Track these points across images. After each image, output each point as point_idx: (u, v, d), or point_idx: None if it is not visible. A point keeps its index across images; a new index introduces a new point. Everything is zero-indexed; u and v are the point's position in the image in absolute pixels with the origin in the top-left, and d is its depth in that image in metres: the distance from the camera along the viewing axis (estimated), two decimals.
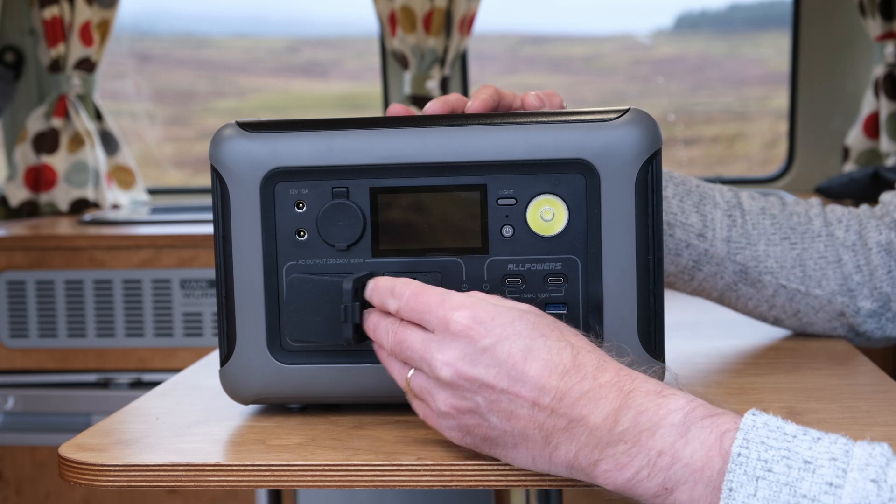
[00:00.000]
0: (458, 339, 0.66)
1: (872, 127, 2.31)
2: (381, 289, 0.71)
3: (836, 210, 1.03)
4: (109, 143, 2.51)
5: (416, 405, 0.71)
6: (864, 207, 1.03)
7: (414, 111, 0.82)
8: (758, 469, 0.58)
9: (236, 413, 0.82)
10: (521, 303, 0.70)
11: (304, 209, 0.78)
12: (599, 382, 0.64)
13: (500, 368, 0.65)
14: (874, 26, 2.27)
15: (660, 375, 0.77)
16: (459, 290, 0.77)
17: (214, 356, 1.02)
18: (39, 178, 2.43)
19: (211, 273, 2.01)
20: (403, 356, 0.69)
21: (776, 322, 1.04)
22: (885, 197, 1.03)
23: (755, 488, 0.57)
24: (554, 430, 0.64)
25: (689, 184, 1.00)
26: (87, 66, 2.44)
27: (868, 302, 1.00)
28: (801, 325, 1.03)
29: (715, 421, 0.61)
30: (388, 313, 0.71)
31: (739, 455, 0.58)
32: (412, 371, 0.70)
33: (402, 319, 0.70)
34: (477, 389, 0.66)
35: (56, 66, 2.42)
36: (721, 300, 1.03)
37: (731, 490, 0.58)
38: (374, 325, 0.72)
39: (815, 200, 1.04)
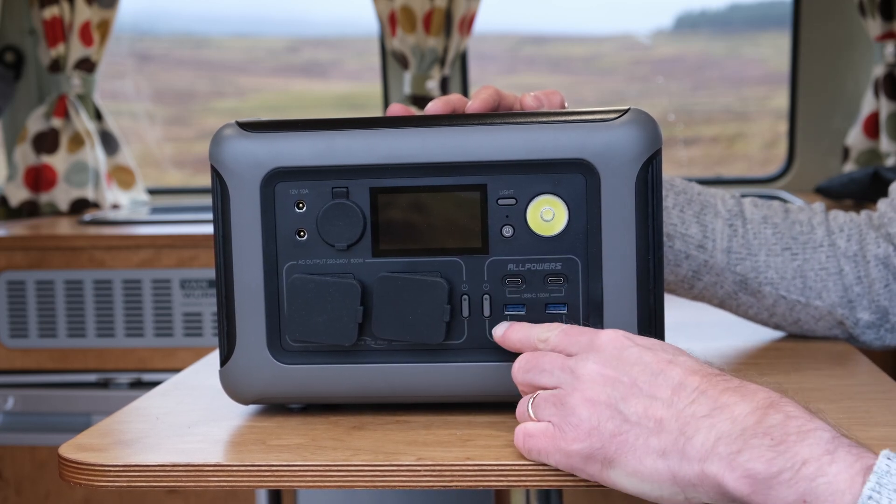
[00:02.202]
0: (604, 347, 0.68)
1: (872, 127, 2.31)
2: (526, 328, 0.74)
3: (839, 218, 1.02)
4: (109, 143, 2.51)
5: (525, 409, 0.71)
6: (864, 215, 1.02)
7: (414, 111, 0.82)
8: None
9: (236, 413, 0.82)
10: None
11: (304, 209, 0.78)
12: (746, 385, 0.64)
13: (643, 367, 0.66)
14: (874, 26, 2.27)
15: None
16: (460, 289, 0.77)
17: (214, 356, 1.02)
18: (39, 178, 2.43)
19: (211, 273, 2.01)
20: (542, 365, 0.70)
21: (777, 328, 1.04)
22: (881, 206, 1.02)
23: None
24: (692, 417, 0.63)
25: (690, 193, 1.00)
26: (87, 66, 2.44)
27: (867, 314, 1.00)
28: (802, 332, 1.03)
29: (860, 451, 0.59)
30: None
31: (870, 498, 0.56)
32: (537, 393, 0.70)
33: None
34: (615, 383, 0.66)
35: (56, 66, 2.42)
36: (721, 307, 1.03)
37: None
38: (525, 336, 0.73)
39: (819, 206, 1.03)
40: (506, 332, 0.75)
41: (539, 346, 0.72)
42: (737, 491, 0.60)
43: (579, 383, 0.67)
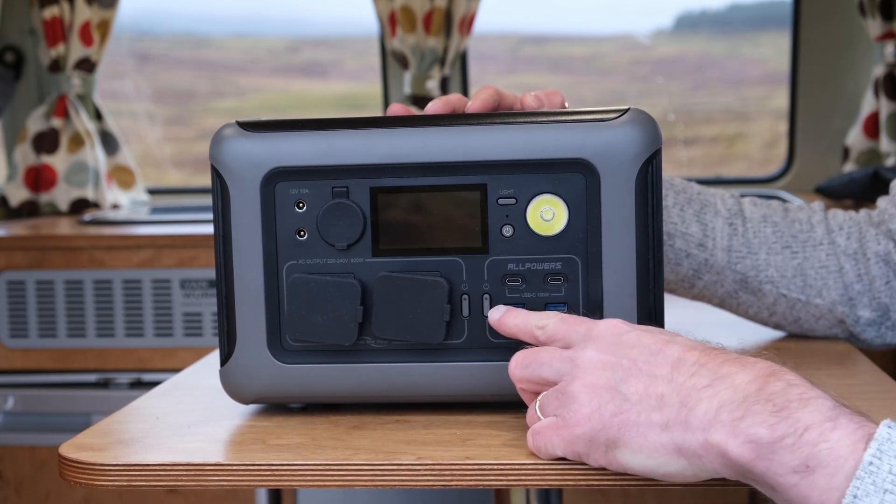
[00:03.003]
0: (602, 335, 0.68)
1: (872, 127, 2.31)
2: (523, 314, 0.74)
3: (839, 216, 1.02)
4: (109, 143, 2.51)
5: (529, 399, 0.72)
6: (863, 213, 1.02)
7: (414, 111, 0.82)
8: (887, 482, 0.56)
9: (236, 413, 0.82)
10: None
11: (305, 209, 0.78)
12: (745, 357, 0.64)
13: (642, 348, 0.66)
14: (874, 26, 2.27)
15: None
16: (460, 289, 0.77)
17: (214, 356, 1.02)
18: (39, 178, 2.43)
19: (211, 273, 2.01)
20: (541, 359, 0.70)
21: (777, 327, 1.04)
22: (881, 203, 1.02)
23: (881, 500, 0.56)
24: (693, 389, 0.63)
25: (689, 192, 1.00)
26: (87, 66, 2.44)
27: (868, 311, 1.00)
28: (802, 331, 1.03)
29: (861, 420, 0.59)
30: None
31: (871, 464, 0.57)
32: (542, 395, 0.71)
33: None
34: (614, 366, 0.66)
35: (56, 66, 2.42)
36: (722, 306, 1.03)
37: (855, 497, 0.56)
38: (522, 322, 0.73)
39: (818, 205, 1.04)
40: (502, 317, 0.75)
41: (536, 333, 0.72)
42: (741, 457, 0.60)
43: (579, 371, 0.67)
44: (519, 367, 0.71)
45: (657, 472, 0.64)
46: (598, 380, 0.66)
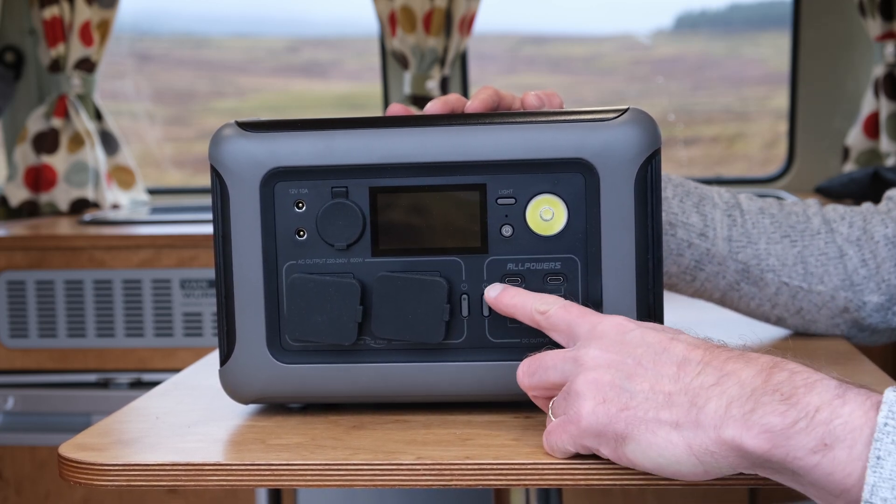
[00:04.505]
0: (606, 333, 0.68)
1: (872, 127, 2.31)
2: (522, 294, 0.74)
3: (839, 208, 1.03)
4: (109, 143, 2.51)
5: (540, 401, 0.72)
6: (867, 205, 1.04)
7: (414, 111, 0.83)
8: None
9: (236, 413, 0.82)
10: None
11: (304, 209, 0.78)
12: (747, 353, 0.65)
13: (646, 347, 0.67)
14: (874, 26, 2.27)
15: None
16: (459, 289, 0.77)
17: (214, 356, 1.02)
18: (39, 178, 2.43)
19: (211, 273, 2.01)
20: (545, 363, 0.70)
21: (779, 322, 1.04)
22: (892, 192, 1.04)
23: None
24: (701, 388, 0.63)
25: (687, 185, 1.01)
26: (87, 66, 2.44)
27: (875, 296, 1.00)
28: (804, 324, 1.04)
29: (867, 392, 0.60)
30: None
31: (886, 425, 0.58)
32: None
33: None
34: (619, 365, 0.66)
35: (56, 66, 2.42)
36: (723, 301, 1.03)
37: (878, 458, 0.57)
38: (521, 303, 0.74)
39: (813, 200, 1.05)
40: (500, 294, 0.75)
41: (537, 318, 0.73)
42: (757, 448, 0.60)
43: (583, 368, 0.68)
44: (526, 375, 0.72)
45: (667, 471, 0.64)
46: (602, 376, 0.66)
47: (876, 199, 1.08)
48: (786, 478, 0.62)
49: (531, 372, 0.71)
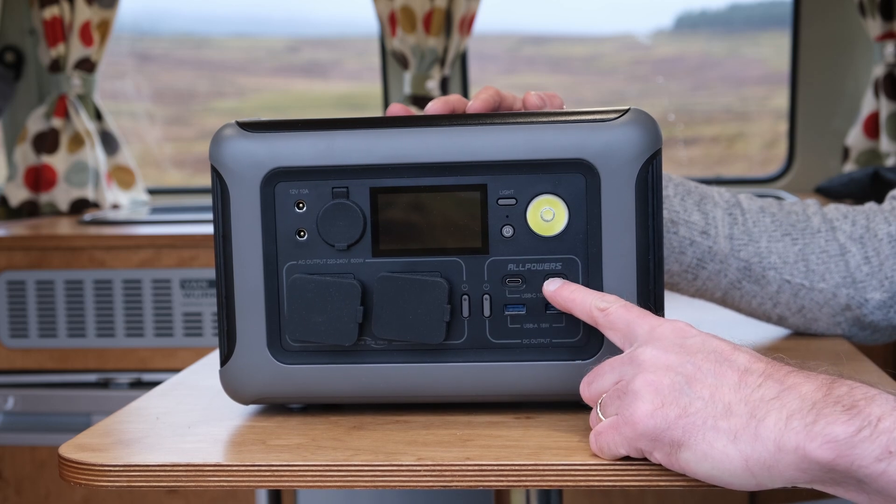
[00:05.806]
0: (665, 336, 0.68)
1: (872, 127, 2.31)
2: (582, 290, 0.74)
3: (840, 207, 1.04)
4: (109, 143, 2.51)
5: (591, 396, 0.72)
6: (870, 204, 1.05)
7: (414, 111, 0.83)
8: None
9: (236, 413, 0.82)
10: None
11: (305, 209, 0.78)
12: (806, 368, 0.65)
13: (707, 354, 0.66)
14: (874, 26, 2.27)
15: None
16: (460, 289, 0.77)
17: (214, 356, 1.02)
18: (39, 178, 2.43)
19: (211, 273, 2.01)
20: (603, 371, 0.70)
21: (780, 321, 1.04)
22: (892, 192, 1.04)
23: None
24: (761, 401, 0.63)
25: (688, 185, 1.01)
26: (87, 66, 2.44)
27: (878, 293, 1.00)
28: (806, 322, 1.04)
29: None
30: None
31: None
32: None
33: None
34: (679, 369, 0.66)
35: (56, 66, 2.42)
36: (724, 300, 1.03)
37: None
38: (580, 298, 0.74)
39: (812, 200, 1.05)
40: (559, 289, 0.75)
41: (595, 314, 0.72)
42: (822, 458, 0.60)
43: (641, 369, 0.67)
44: (587, 386, 0.72)
45: (719, 481, 0.64)
46: (661, 378, 0.66)
47: (876, 200, 1.08)
48: (849, 488, 0.61)
49: (591, 381, 0.71)
